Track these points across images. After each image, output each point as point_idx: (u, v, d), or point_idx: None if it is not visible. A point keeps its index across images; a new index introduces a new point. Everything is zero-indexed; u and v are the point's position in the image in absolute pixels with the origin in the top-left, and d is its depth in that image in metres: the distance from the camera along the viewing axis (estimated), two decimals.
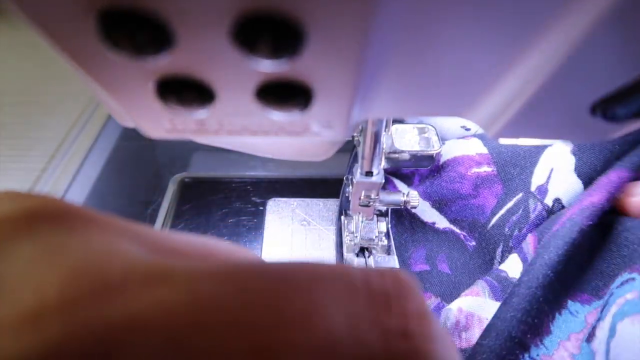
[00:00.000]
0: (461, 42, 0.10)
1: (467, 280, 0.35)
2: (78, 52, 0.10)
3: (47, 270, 0.08)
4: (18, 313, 0.07)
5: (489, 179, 0.35)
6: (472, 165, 0.35)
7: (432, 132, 0.33)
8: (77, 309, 0.07)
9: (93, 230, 0.09)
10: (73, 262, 0.08)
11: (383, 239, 0.34)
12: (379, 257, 0.34)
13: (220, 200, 0.47)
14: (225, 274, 0.09)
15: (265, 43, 0.09)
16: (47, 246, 0.08)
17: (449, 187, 0.36)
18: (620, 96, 0.11)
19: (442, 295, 0.34)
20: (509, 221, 0.33)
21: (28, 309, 0.07)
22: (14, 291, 0.07)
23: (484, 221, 0.35)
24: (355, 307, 0.09)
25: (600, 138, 0.14)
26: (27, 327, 0.07)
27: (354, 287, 0.09)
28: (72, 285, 0.08)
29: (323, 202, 0.43)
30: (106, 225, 0.10)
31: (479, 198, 0.35)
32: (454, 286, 0.35)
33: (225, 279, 0.08)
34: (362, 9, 0.08)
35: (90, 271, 0.08)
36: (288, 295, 0.08)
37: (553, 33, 0.10)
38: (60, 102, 0.46)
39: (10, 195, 0.09)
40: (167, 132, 0.13)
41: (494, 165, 0.35)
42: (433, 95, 0.12)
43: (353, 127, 0.13)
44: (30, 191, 0.10)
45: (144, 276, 0.08)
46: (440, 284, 0.35)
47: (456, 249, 0.36)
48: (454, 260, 0.36)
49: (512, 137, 0.14)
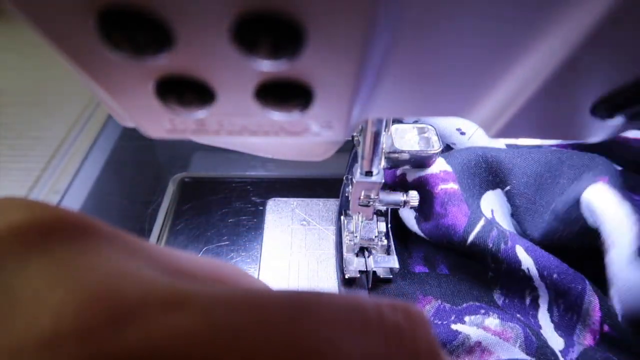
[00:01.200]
0: (461, 42, 0.10)
1: (466, 279, 0.35)
2: (78, 52, 0.10)
3: (62, 291, 0.08)
4: (35, 338, 0.07)
5: (456, 196, 0.34)
6: (439, 183, 0.35)
7: (432, 132, 0.33)
8: (95, 335, 0.07)
9: (107, 248, 0.09)
10: (89, 283, 0.08)
11: (383, 239, 0.34)
12: (379, 257, 0.34)
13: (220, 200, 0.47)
14: (242, 302, 0.09)
15: (265, 43, 0.09)
16: (61, 264, 0.08)
17: (422, 204, 0.35)
18: (620, 96, 0.11)
19: (443, 296, 0.34)
20: (490, 236, 0.33)
21: (45, 334, 0.07)
22: (29, 313, 0.07)
23: (458, 240, 0.34)
24: (370, 343, 0.09)
25: (600, 138, 0.14)
26: (46, 354, 0.07)
27: (368, 321, 0.09)
28: (89, 309, 0.08)
29: (323, 202, 0.43)
30: (119, 242, 0.10)
31: (448, 217, 0.34)
32: (454, 286, 0.35)
33: (242, 308, 0.08)
34: (362, 9, 0.08)
35: (107, 295, 0.08)
36: (306, 328, 0.08)
37: (553, 33, 0.10)
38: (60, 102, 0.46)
39: (22, 204, 0.09)
40: (167, 132, 0.13)
41: (457, 183, 0.34)
42: (433, 96, 0.12)
43: (353, 127, 0.13)
44: (44, 201, 0.10)
45: (161, 301, 0.08)
46: (440, 285, 0.35)
47: (452, 253, 0.36)
48: (452, 261, 0.36)
49: (512, 137, 0.14)
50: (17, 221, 0.09)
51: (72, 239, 0.09)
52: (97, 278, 0.08)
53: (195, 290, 0.08)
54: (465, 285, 0.35)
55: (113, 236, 0.10)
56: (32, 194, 0.36)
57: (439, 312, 0.33)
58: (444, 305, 0.33)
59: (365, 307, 0.10)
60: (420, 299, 0.34)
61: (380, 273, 0.34)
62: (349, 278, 0.33)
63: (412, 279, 0.35)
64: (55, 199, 0.36)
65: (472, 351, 0.30)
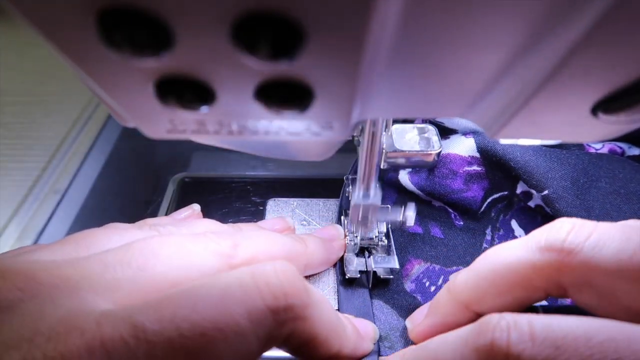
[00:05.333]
0: (461, 42, 0.10)
1: (460, 244, 0.36)
2: (78, 52, 0.10)
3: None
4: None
5: (479, 176, 0.36)
6: (464, 165, 0.36)
7: (432, 132, 0.33)
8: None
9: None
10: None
11: (383, 239, 0.34)
12: (379, 257, 0.34)
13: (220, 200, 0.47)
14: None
15: (265, 43, 0.09)
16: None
17: (441, 183, 0.37)
18: (620, 96, 0.11)
19: (433, 259, 0.35)
20: (495, 207, 0.36)
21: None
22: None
23: (475, 208, 0.37)
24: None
25: (600, 138, 0.14)
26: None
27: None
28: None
29: (323, 202, 0.43)
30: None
31: (470, 192, 0.36)
32: (447, 251, 0.36)
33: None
34: (362, 9, 0.08)
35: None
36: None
37: (553, 33, 0.10)
38: (60, 102, 0.46)
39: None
40: (167, 132, 0.13)
41: (483, 167, 0.36)
42: (433, 96, 0.12)
43: (353, 127, 0.13)
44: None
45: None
46: (433, 249, 0.36)
47: (446, 223, 0.38)
48: (446, 228, 0.38)
49: (512, 137, 0.14)
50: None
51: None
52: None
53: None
54: (458, 251, 0.36)
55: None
56: (32, 193, 0.36)
57: (428, 272, 0.34)
58: (433, 266, 0.35)
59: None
60: (411, 260, 0.36)
61: (381, 273, 0.34)
62: (349, 278, 0.33)
63: (405, 239, 0.37)
64: (55, 199, 0.36)
65: None
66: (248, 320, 0.14)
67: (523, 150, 0.35)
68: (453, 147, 0.37)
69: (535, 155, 0.35)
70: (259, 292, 0.15)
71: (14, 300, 0.13)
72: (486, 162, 0.36)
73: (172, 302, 0.13)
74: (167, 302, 0.13)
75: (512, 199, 0.36)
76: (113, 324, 0.12)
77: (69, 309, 0.13)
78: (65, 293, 0.13)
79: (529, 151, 0.35)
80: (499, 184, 0.36)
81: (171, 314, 0.13)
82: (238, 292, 0.14)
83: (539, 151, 0.36)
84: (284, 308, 0.15)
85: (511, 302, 0.18)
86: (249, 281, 0.15)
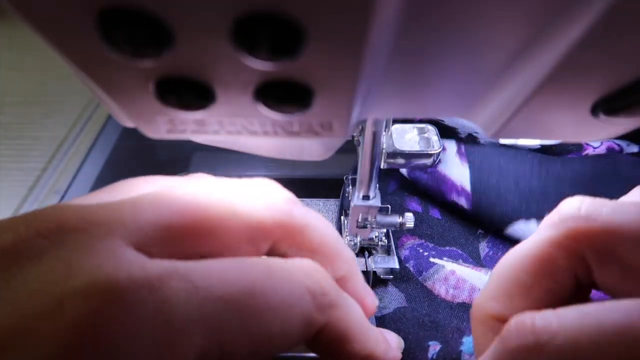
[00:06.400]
0: (462, 42, 0.10)
1: (456, 228, 0.37)
2: (77, 52, 0.10)
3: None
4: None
5: (464, 211, 0.37)
6: (453, 192, 0.37)
7: (432, 132, 0.33)
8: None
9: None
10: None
11: (383, 239, 0.34)
12: (379, 257, 0.34)
13: None
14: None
15: (265, 43, 0.09)
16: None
17: (435, 187, 0.37)
18: (620, 96, 0.11)
19: (428, 237, 0.36)
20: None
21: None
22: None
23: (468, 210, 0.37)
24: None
25: (600, 138, 0.14)
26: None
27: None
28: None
29: (323, 202, 0.43)
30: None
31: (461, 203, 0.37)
32: (443, 231, 0.37)
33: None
34: (362, 8, 0.08)
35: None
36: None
37: (553, 33, 0.10)
38: (60, 102, 0.46)
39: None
40: (167, 132, 0.13)
41: (470, 205, 0.36)
42: (433, 96, 0.12)
43: (353, 127, 0.13)
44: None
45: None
46: (430, 227, 0.37)
47: (445, 206, 0.38)
48: (445, 209, 0.38)
49: (512, 137, 0.14)
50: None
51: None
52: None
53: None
54: (454, 232, 0.37)
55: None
56: (32, 194, 0.36)
57: (422, 245, 0.35)
58: (427, 243, 0.36)
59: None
60: (407, 234, 0.36)
61: (381, 273, 0.34)
62: None
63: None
64: (55, 200, 0.36)
65: (447, 279, 0.33)
66: (290, 294, 0.14)
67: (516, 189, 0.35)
68: (450, 169, 0.37)
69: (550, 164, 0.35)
70: (302, 273, 0.15)
71: (40, 249, 0.12)
72: (475, 200, 0.36)
73: (223, 263, 0.14)
74: (218, 263, 0.14)
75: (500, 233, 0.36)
76: (156, 272, 0.12)
77: (99, 256, 0.12)
78: (96, 238, 0.12)
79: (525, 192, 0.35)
80: (486, 226, 0.37)
81: (221, 272, 0.13)
82: (281, 271, 0.15)
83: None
84: (321, 292, 0.15)
85: (543, 297, 0.17)
86: (290, 265, 0.15)
